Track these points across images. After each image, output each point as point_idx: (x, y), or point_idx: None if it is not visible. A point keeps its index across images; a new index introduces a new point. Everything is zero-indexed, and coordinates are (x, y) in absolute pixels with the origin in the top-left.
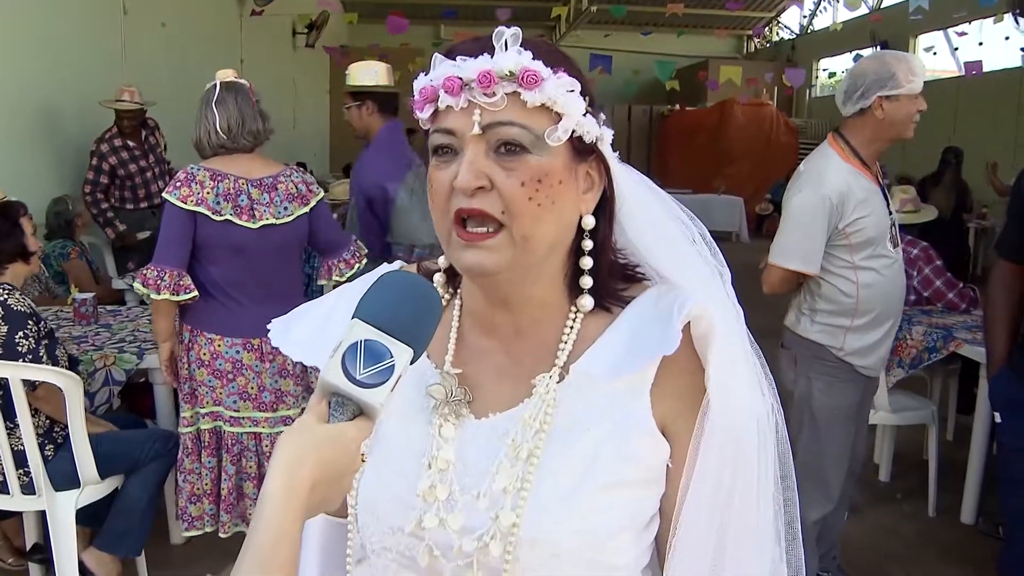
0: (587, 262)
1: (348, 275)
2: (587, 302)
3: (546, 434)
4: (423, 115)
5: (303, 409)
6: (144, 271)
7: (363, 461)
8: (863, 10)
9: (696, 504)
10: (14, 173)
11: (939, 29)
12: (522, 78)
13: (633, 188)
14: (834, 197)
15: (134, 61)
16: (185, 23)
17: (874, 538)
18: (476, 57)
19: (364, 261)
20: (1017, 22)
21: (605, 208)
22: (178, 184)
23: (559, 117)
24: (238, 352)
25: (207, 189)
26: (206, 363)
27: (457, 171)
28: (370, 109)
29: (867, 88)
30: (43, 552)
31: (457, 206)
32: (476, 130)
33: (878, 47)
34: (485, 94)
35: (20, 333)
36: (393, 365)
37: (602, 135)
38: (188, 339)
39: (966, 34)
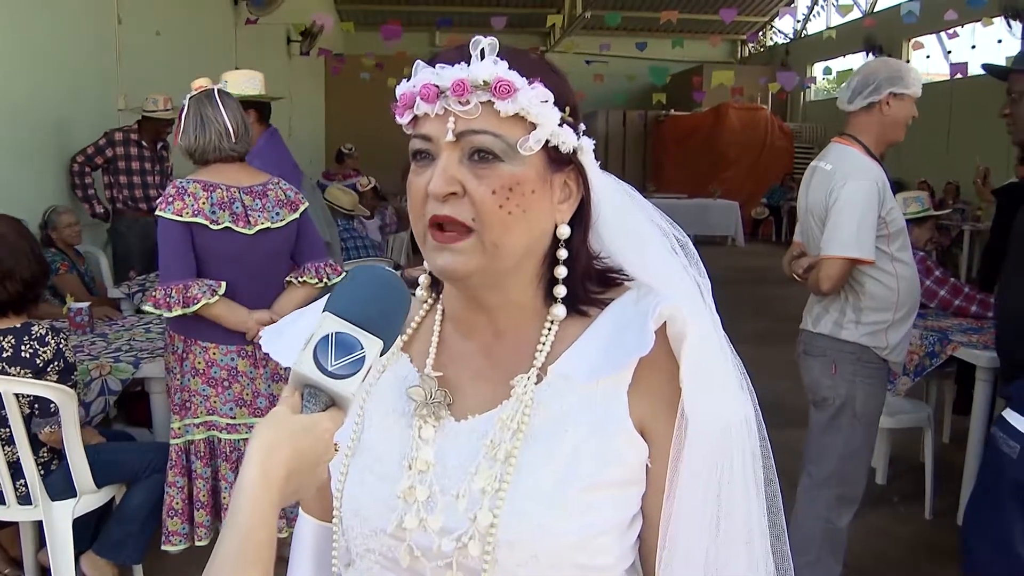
0: (561, 271)
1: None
2: (560, 311)
3: (524, 435)
4: (402, 120)
5: None
6: (153, 293)
7: (336, 451)
8: (856, 14)
9: (682, 504)
10: (8, 184)
11: (932, 33)
12: (495, 88)
13: (613, 200)
14: (879, 184)
15: (130, 70)
16: (180, 32)
17: (870, 541)
18: (454, 65)
19: (341, 275)
20: (1009, 25)
21: (581, 218)
22: (170, 199)
23: (533, 127)
24: (233, 359)
25: (201, 200)
26: (201, 372)
27: (432, 176)
28: (252, 118)
29: (879, 84)
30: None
31: (431, 212)
32: (450, 137)
33: (872, 52)
34: (459, 102)
35: (70, 382)
36: (364, 356)
37: (581, 145)
38: (182, 349)
39: (957, 36)
